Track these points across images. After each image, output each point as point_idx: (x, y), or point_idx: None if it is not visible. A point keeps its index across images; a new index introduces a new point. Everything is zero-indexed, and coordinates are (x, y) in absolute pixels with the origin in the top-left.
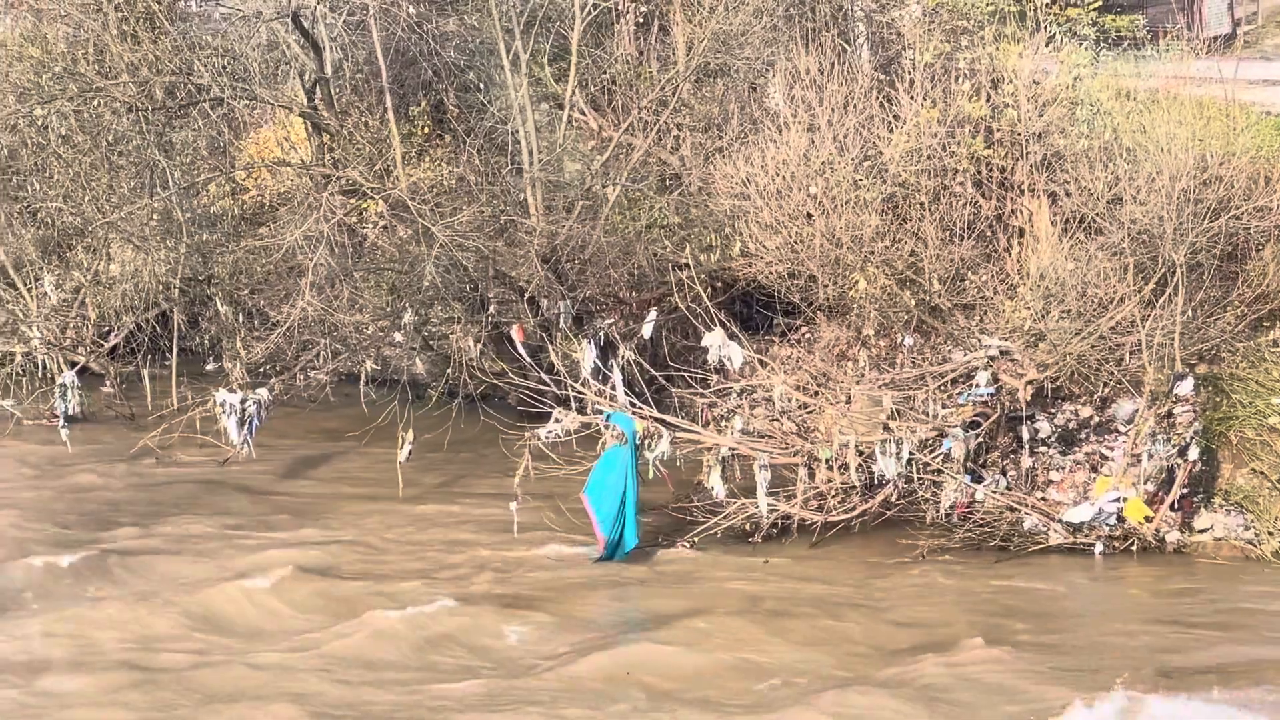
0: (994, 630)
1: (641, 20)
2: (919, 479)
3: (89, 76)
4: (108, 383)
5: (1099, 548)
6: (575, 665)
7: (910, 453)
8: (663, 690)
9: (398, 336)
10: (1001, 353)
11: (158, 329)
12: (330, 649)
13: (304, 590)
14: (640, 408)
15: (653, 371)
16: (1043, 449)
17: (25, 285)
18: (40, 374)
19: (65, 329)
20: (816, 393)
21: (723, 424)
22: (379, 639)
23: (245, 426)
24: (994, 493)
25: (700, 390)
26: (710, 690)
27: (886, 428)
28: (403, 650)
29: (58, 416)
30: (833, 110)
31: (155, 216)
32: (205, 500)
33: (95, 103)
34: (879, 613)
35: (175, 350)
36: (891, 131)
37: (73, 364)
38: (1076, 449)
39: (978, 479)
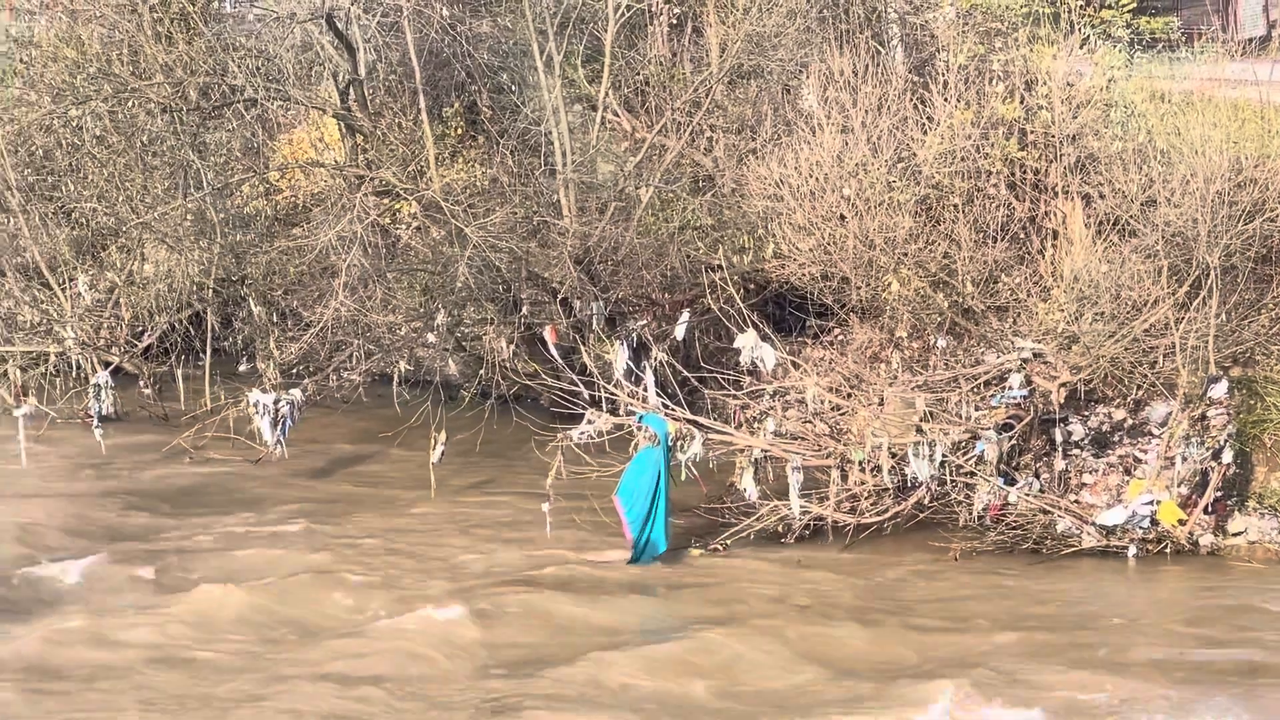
0: (1022, 632)
1: (675, 22)
2: (952, 481)
3: (124, 77)
4: (141, 383)
5: (1133, 551)
6: (601, 667)
7: (943, 455)
8: (689, 693)
9: (430, 337)
10: (1035, 355)
11: (191, 329)
12: (360, 647)
13: (334, 589)
14: (673, 409)
15: (685, 373)
16: (1076, 451)
17: (60, 285)
18: (74, 374)
19: (99, 329)
20: (849, 394)
21: (755, 426)
22: (408, 638)
23: (278, 427)
24: (1027, 495)
25: (733, 392)
26: (738, 694)
27: (919, 430)
28: (427, 650)
29: (92, 416)
30: (866, 112)
31: (189, 217)
32: (238, 500)
33: (130, 103)
34: (911, 616)
35: (209, 350)
36: (925, 133)
37: (107, 364)
38: (1110, 452)
39: (1011, 481)
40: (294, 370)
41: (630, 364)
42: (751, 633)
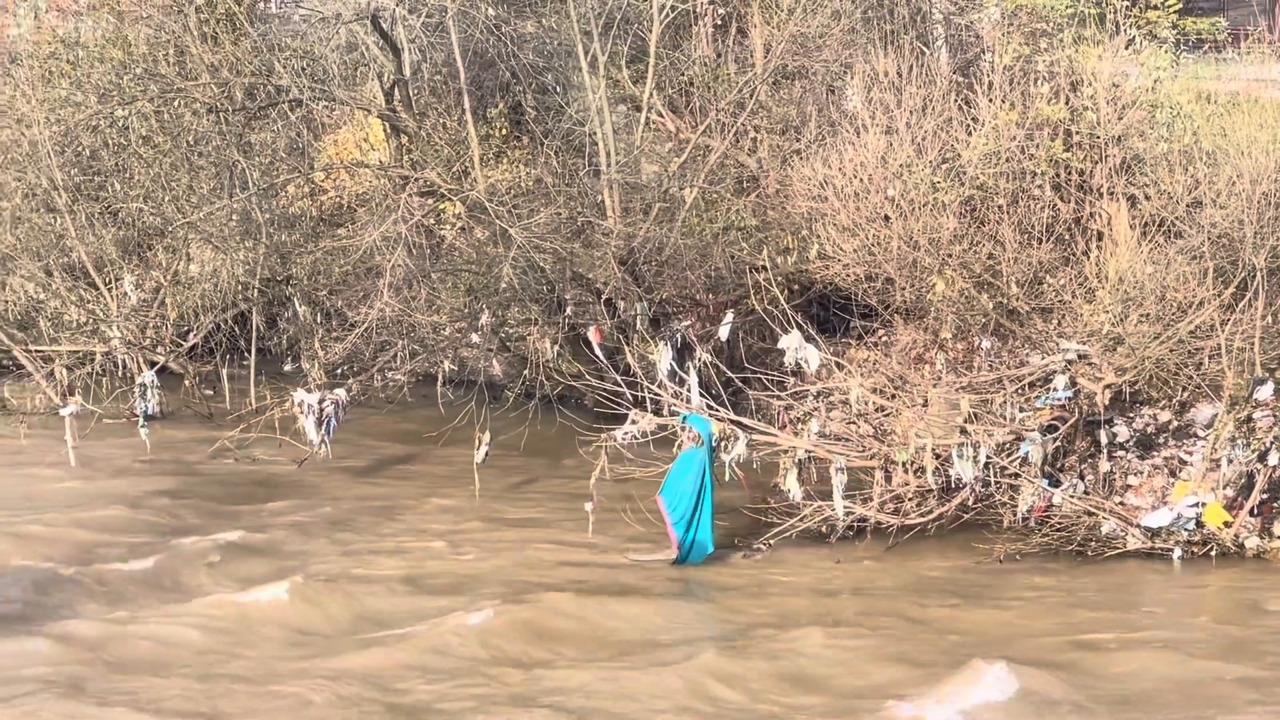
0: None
1: (719, 22)
2: (996, 482)
3: (169, 78)
4: (186, 382)
5: (1177, 553)
6: (642, 669)
7: (987, 456)
8: (731, 698)
9: (475, 338)
10: (1079, 356)
11: (236, 329)
12: (401, 646)
13: (377, 589)
14: (716, 410)
15: (729, 373)
16: (1121, 453)
17: (106, 285)
18: (120, 373)
19: (145, 329)
20: (893, 395)
21: (799, 426)
22: (449, 637)
23: (323, 427)
24: (1072, 497)
25: (777, 392)
26: (781, 698)
27: (964, 431)
28: (472, 649)
29: (137, 415)
30: (911, 112)
31: (234, 217)
32: (282, 499)
33: (176, 104)
34: (954, 618)
35: (254, 350)
36: (970, 134)
37: (152, 363)
38: (1155, 453)
39: (1055, 483)
40: (339, 370)
41: (674, 364)
42: (794, 634)
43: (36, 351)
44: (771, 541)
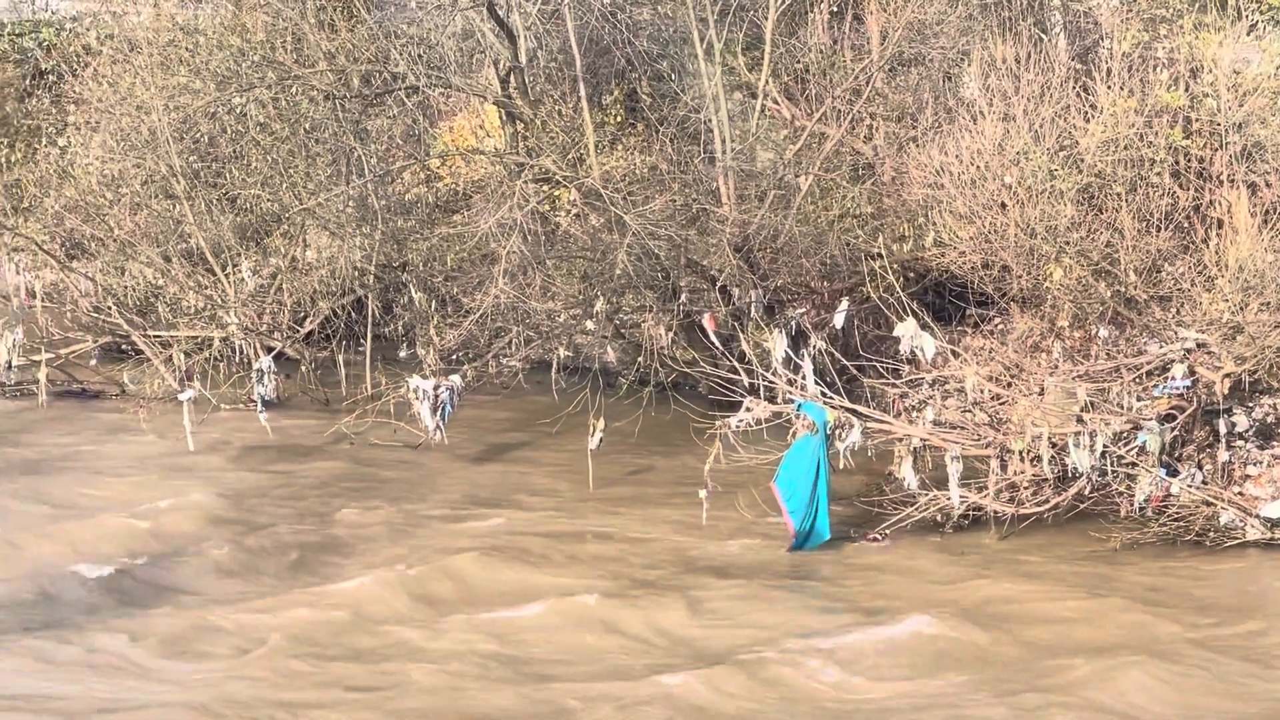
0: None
1: (835, 9)
2: (1113, 472)
3: (287, 65)
4: (303, 368)
5: None
6: (755, 659)
7: (1104, 445)
8: (853, 687)
9: (589, 325)
10: (1198, 345)
11: (353, 315)
12: (513, 631)
13: (490, 574)
14: (831, 397)
15: (844, 361)
16: (1240, 443)
17: (223, 271)
18: (237, 359)
19: (262, 314)
20: (1009, 384)
21: (914, 415)
22: (563, 622)
23: (438, 413)
24: (1189, 487)
25: (892, 380)
26: (909, 689)
27: (1080, 420)
28: (582, 635)
29: (255, 401)
30: (1028, 99)
31: (351, 203)
32: (397, 485)
33: (293, 91)
34: (1076, 607)
35: (369, 336)
36: (1088, 121)
37: (269, 349)
38: (1275, 443)
39: (1173, 473)
40: (454, 356)
41: (789, 352)
42: (915, 623)
43: (155, 337)
44: (887, 531)
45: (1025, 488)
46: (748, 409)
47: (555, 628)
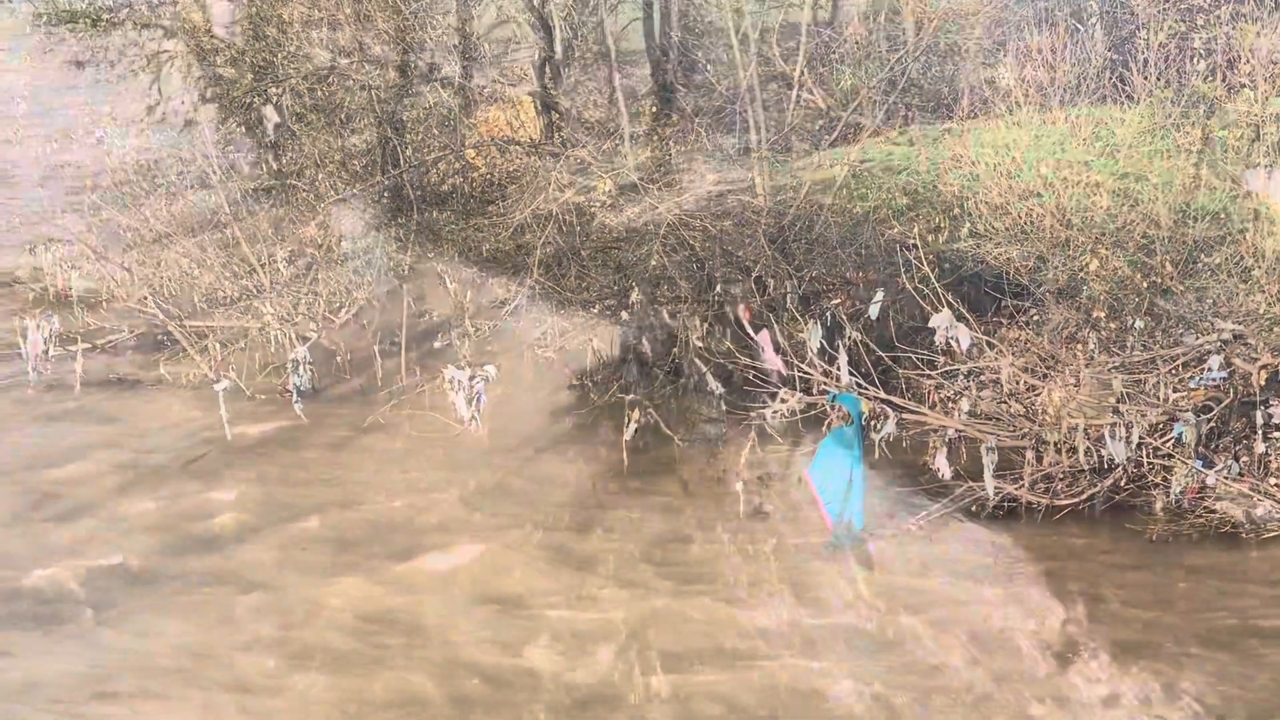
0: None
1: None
2: (1148, 464)
3: (323, 55)
4: (339, 358)
5: None
6: (793, 656)
7: (1140, 437)
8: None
9: (624, 315)
10: (1235, 337)
11: (388, 305)
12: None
13: (525, 566)
14: (866, 388)
15: (879, 352)
16: (1277, 435)
17: (259, 261)
18: (273, 349)
19: (297, 304)
20: (1045, 375)
21: (949, 406)
22: (600, 616)
23: (473, 403)
24: (1226, 479)
25: (927, 371)
26: (948, 684)
27: (1116, 411)
28: (617, 630)
29: (290, 391)
30: (1065, 90)
31: (386, 194)
32: (432, 474)
33: (329, 81)
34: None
35: (404, 326)
36: (1124, 111)
37: (305, 339)
38: None
39: (1209, 465)
40: (489, 347)
41: (824, 343)
42: (954, 616)
43: (191, 326)
44: (922, 521)
45: (1060, 479)
46: (782, 400)
47: (573, 627)
